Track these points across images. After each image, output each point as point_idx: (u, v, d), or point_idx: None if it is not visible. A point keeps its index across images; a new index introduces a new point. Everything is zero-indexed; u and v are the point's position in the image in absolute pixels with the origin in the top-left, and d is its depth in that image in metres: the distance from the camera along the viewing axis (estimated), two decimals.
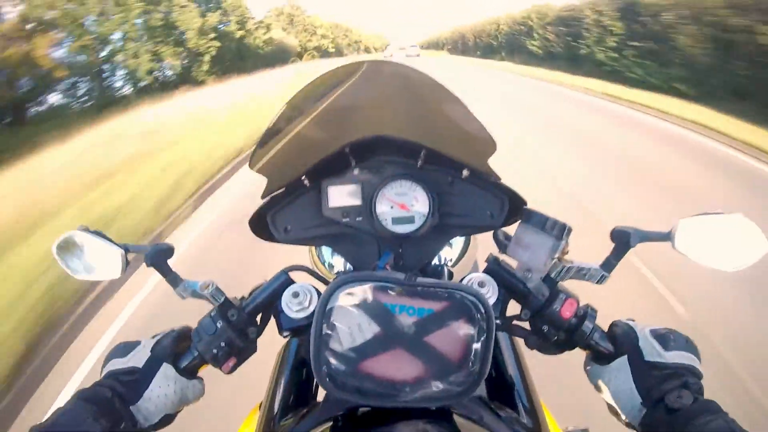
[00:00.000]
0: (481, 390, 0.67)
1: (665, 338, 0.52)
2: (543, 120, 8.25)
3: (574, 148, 6.02)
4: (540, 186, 4.41)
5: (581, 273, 0.55)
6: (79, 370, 2.36)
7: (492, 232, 0.62)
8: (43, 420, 0.44)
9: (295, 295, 0.57)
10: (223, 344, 0.55)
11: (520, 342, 0.72)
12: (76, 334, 2.66)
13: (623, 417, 0.52)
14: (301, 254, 0.84)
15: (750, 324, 2.35)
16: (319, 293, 0.58)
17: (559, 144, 6.28)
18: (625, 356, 0.53)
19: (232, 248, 3.44)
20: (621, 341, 0.54)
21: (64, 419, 0.44)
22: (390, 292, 0.44)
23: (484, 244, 0.87)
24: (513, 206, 0.64)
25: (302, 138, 0.61)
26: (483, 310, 0.44)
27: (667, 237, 0.52)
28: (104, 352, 1.09)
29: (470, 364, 0.44)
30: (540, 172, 4.89)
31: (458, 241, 0.83)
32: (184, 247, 3.62)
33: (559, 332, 0.56)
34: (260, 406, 0.75)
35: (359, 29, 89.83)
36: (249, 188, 4.75)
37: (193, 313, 0.62)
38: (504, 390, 0.68)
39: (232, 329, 0.56)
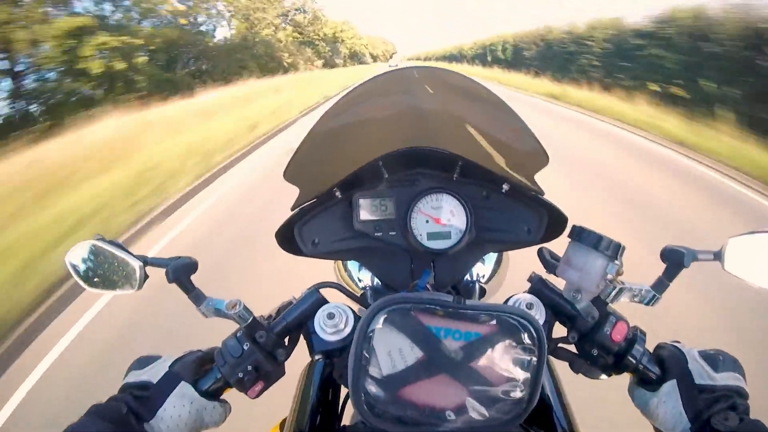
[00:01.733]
0: None
1: (714, 359, 0.52)
2: None
3: None
4: None
5: (632, 294, 0.53)
6: None
7: (537, 249, 0.59)
8: None
9: (331, 316, 0.54)
10: (250, 368, 0.52)
11: (557, 364, 0.69)
12: None
13: None
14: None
15: None
16: (354, 314, 0.55)
17: None
18: (674, 380, 0.51)
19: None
20: (669, 364, 0.52)
21: None
22: (434, 314, 0.42)
23: (514, 261, 0.84)
24: (553, 222, 0.61)
25: (336, 149, 0.59)
26: (534, 335, 0.41)
27: (718, 256, 0.51)
28: None
29: (518, 391, 0.42)
30: None
31: (491, 257, 0.80)
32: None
33: (608, 356, 0.53)
34: (281, 425, 0.72)
35: (347, 23, 57.41)
36: None
37: None
38: (542, 415, 0.65)
39: (260, 352, 0.53)
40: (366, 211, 0.62)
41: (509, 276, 0.82)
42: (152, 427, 0.47)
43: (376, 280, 0.71)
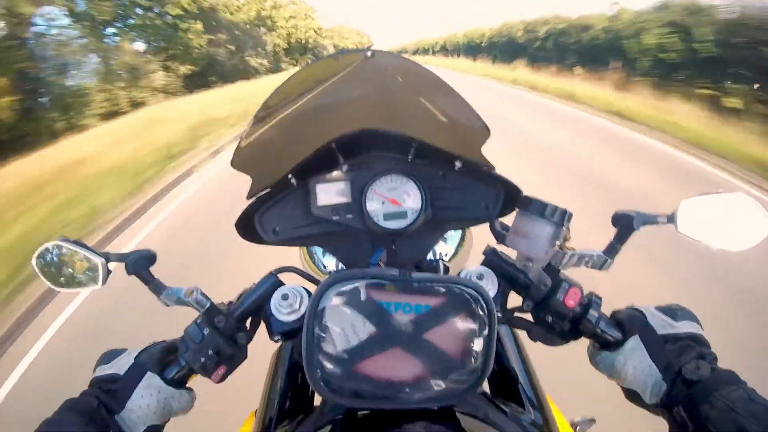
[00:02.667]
0: (485, 386, 0.66)
1: (672, 311, 0.53)
2: None
3: None
4: None
5: (583, 260, 0.54)
6: None
7: (489, 224, 0.60)
8: (33, 431, 0.43)
9: (285, 297, 0.55)
10: (211, 352, 0.53)
11: (522, 334, 0.71)
12: None
13: (645, 397, 0.50)
14: (292, 254, 0.81)
15: None
16: (309, 294, 0.56)
17: None
18: (637, 336, 0.52)
19: None
20: (629, 324, 0.54)
21: (52, 430, 0.43)
22: (384, 289, 0.42)
23: (478, 237, 0.85)
24: (508, 196, 0.63)
25: (287, 134, 0.58)
26: (483, 304, 0.42)
27: (670, 219, 0.51)
28: None
29: (472, 360, 0.43)
30: None
31: (454, 236, 0.81)
32: None
33: (564, 322, 0.55)
34: (255, 414, 0.72)
35: (303, 5, 38.59)
36: None
37: None
38: (508, 385, 0.67)
39: (220, 336, 0.54)
40: (323, 196, 0.62)
41: (474, 253, 0.84)
42: (123, 419, 0.49)
43: (339, 263, 0.72)
